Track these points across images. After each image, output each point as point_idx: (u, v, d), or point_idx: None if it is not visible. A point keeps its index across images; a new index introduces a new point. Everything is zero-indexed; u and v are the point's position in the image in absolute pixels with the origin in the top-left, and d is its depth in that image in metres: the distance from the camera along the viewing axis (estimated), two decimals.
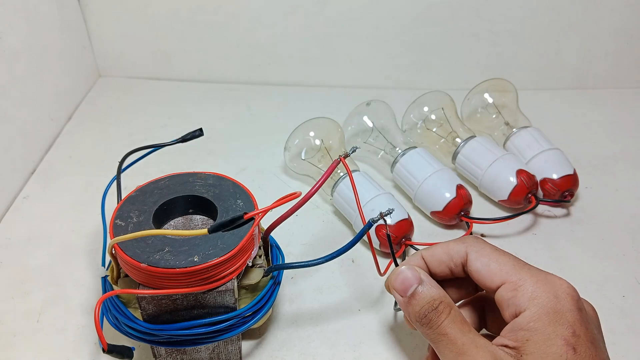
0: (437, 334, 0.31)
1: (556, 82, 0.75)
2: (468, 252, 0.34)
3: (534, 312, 0.29)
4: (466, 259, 0.34)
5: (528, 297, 0.30)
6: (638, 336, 0.41)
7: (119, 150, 0.42)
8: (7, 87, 0.54)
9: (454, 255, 0.34)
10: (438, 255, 0.35)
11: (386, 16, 0.70)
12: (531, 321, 0.29)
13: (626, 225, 0.52)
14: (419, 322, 0.32)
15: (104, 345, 0.30)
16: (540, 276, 0.31)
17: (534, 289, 0.30)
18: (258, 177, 0.58)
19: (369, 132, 0.57)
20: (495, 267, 0.32)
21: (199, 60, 0.74)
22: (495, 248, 0.34)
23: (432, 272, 0.35)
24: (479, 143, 0.54)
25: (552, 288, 0.30)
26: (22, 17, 0.57)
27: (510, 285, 0.31)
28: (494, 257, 0.33)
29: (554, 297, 0.29)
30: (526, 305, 0.30)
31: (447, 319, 0.31)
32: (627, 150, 0.62)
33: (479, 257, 0.33)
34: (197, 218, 0.39)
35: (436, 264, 0.35)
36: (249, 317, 0.36)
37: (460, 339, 0.30)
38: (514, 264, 0.32)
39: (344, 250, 0.34)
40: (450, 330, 0.31)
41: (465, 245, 0.34)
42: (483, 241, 0.34)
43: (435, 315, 0.31)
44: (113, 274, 0.36)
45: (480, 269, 0.33)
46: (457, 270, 0.34)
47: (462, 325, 0.31)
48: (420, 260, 0.36)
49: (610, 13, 0.69)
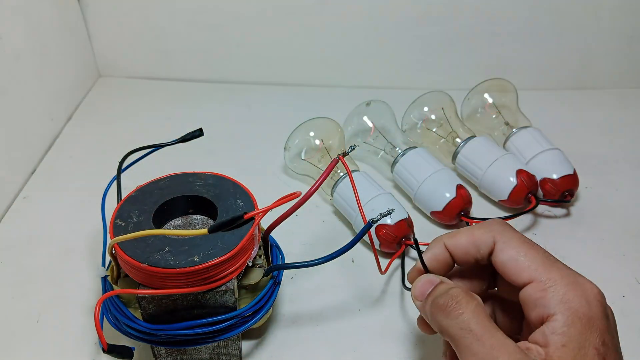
0: (458, 328, 0.28)
1: (556, 82, 0.75)
2: (496, 240, 0.31)
3: (567, 316, 0.27)
4: (493, 247, 0.31)
5: (559, 300, 0.28)
6: (638, 336, 0.41)
7: (119, 150, 0.42)
8: (7, 87, 0.54)
9: (480, 245, 0.32)
10: (463, 245, 0.32)
11: (386, 16, 0.70)
12: (565, 326, 0.27)
13: (626, 225, 0.52)
14: (436, 313, 0.30)
15: (104, 345, 0.30)
16: (571, 277, 0.29)
17: (565, 291, 0.28)
18: (258, 177, 0.57)
19: (368, 132, 0.57)
20: (524, 262, 0.30)
21: (199, 60, 0.74)
22: (524, 239, 0.31)
23: (457, 262, 0.33)
24: (479, 143, 0.54)
25: (583, 292, 0.28)
26: (22, 17, 0.57)
27: (539, 284, 0.29)
28: (522, 250, 0.30)
29: (585, 302, 0.28)
30: (556, 308, 0.28)
31: (468, 309, 0.29)
32: (627, 150, 0.62)
33: (505, 249, 0.31)
34: (197, 218, 0.39)
35: (461, 254, 0.33)
36: (249, 317, 0.36)
37: (489, 340, 0.27)
38: (543, 260, 0.30)
39: (344, 250, 0.34)
40: (475, 326, 0.28)
41: (493, 234, 0.31)
42: (511, 228, 0.32)
43: (452, 301, 0.29)
44: (113, 274, 0.36)
45: (507, 262, 0.30)
46: (483, 260, 0.32)
47: (489, 323, 0.28)
48: (442, 249, 0.33)
49: (610, 13, 0.69)
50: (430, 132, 0.58)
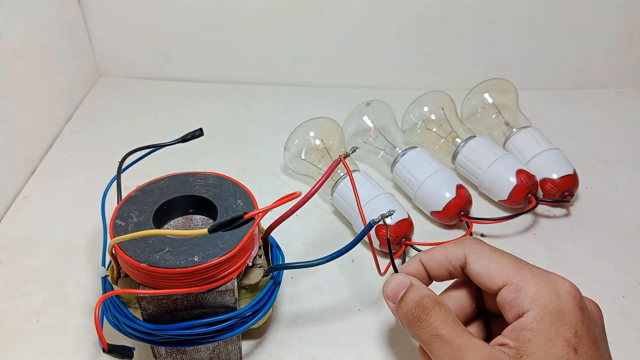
0: (429, 335, 0.30)
1: (556, 82, 0.75)
2: (467, 254, 0.33)
3: (536, 312, 0.29)
4: (465, 261, 0.33)
5: (530, 297, 0.29)
6: (638, 336, 0.41)
7: (119, 150, 0.42)
8: (7, 87, 0.54)
9: (452, 258, 0.34)
10: (436, 258, 0.35)
11: (386, 16, 0.70)
12: (534, 322, 0.29)
13: (626, 225, 0.52)
14: (409, 323, 0.32)
15: (104, 345, 0.30)
16: (542, 276, 0.30)
17: (536, 289, 0.30)
18: (258, 177, 0.58)
19: (368, 132, 0.57)
20: (496, 269, 0.32)
21: (199, 60, 0.74)
22: (493, 249, 0.33)
23: (432, 276, 0.35)
24: (479, 143, 0.54)
25: (554, 288, 0.30)
26: (22, 17, 0.57)
27: (512, 286, 0.30)
28: (493, 258, 0.32)
29: (556, 297, 0.29)
30: (529, 306, 0.29)
31: (438, 317, 0.30)
32: (627, 150, 0.62)
33: (478, 260, 0.33)
34: (197, 218, 0.39)
35: (435, 267, 0.35)
36: (249, 317, 0.36)
37: (456, 341, 0.29)
38: (514, 265, 0.31)
39: (344, 250, 0.34)
40: (443, 331, 0.30)
41: (463, 248, 0.34)
42: (481, 242, 0.34)
43: (423, 313, 0.31)
44: (113, 274, 0.36)
45: (480, 271, 0.32)
46: (456, 273, 0.34)
47: (455, 326, 0.30)
48: (418, 264, 0.36)
49: (610, 13, 0.69)
50: (430, 132, 0.58)
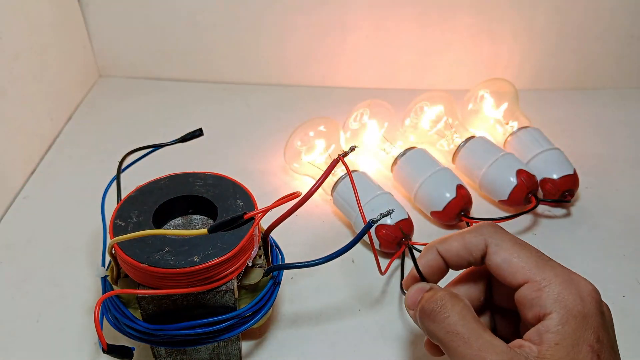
0: (445, 332, 0.29)
1: (556, 82, 0.75)
2: (488, 244, 0.31)
3: (561, 315, 0.28)
4: (486, 251, 0.31)
5: (554, 299, 0.28)
6: (638, 336, 0.41)
7: (119, 150, 0.42)
8: (7, 87, 0.54)
9: (472, 249, 0.32)
10: (455, 249, 0.33)
11: (386, 16, 0.70)
12: (559, 324, 0.27)
13: (626, 225, 0.52)
14: (422, 318, 0.30)
15: (104, 345, 0.30)
16: (565, 276, 0.29)
17: (560, 290, 0.28)
18: (258, 177, 0.58)
19: (369, 132, 0.57)
20: (518, 264, 0.30)
21: (199, 60, 0.74)
22: (515, 240, 0.31)
23: (450, 266, 0.34)
24: (479, 143, 0.54)
25: (577, 290, 0.28)
26: (22, 17, 0.57)
27: (534, 285, 0.29)
28: (515, 251, 0.30)
29: (580, 299, 0.28)
30: (552, 307, 0.28)
31: (454, 312, 0.29)
32: (627, 150, 0.62)
33: (499, 251, 0.31)
34: (197, 218, 0.39)
35: (454, 258, 0.33)
36: (249, 317, 0.35)
37: (476, 342, 0.28)
38: (537, 260, 0.30)
39: (344, 250, 0.34)
40: (462, 329, 0.28)
41: (484, 237, 0.32)
42: (502, 231, 0.32)
43: (437, 305, 0.29)
44: (113, 274, 0.36)
45: (501, 264, 0.30)
46: (476, 263, 0.32)
47: (475, 323, 0.28)
48: (435, 255, 0.33)
49: (610, 13, 0.69)
50: (431, 132, 0.58)
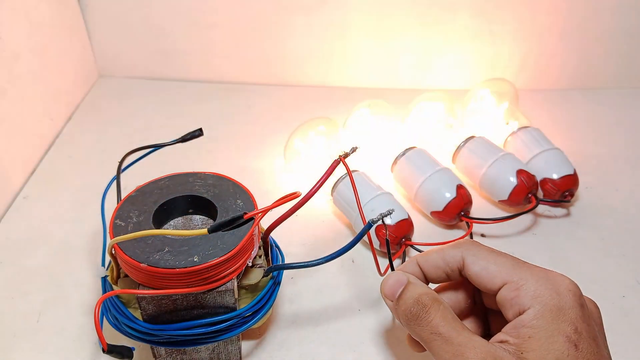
0: (429, 333, 0.30)
1: (556, 82, 0.75)
2: (464, 256, 0.33)
3: (537, 309, 0.29)
4: (462, 263, 0.33)
5: (531, 295, 0.30)
6: (638, 336, 0.41)
7: (119, 150, 0.42)
8: (7, 87, 0.54)
9: (449, 260, 0.34)
10: (433, 260, 0.35)
11: (386, 16, 0.70)
12: (534, 319, 0.29)
13: (626, 225, 0.52)
14: (408, 321, 0.32)
15: (104, 345, 0.30)
16: (541, 274, 0.31)
17: (536, 287, 0.30)
18: (258, 177, 0.58)
19: (369, 132, 0.57)
20: (495, 269, 0.32)
21: (199, 60, 0.74)
22: (491, 250, 0.33)
23: (428, 278, 0.35)
24: (479, 143, 0.54)
25: (554, 285, 0.30)
26: (22, 17, 0.57)
27: (512, 285, 0.30)
28: (491, 259, 0.32)
29: (556, 294, 0.29)
30: (529, 303, 0.29)
31: (437, 315, 0.30)
32: (627, 150, 0.62)
33: (476, 261, 0.33)
34: (197, 218, 0.39)
35: (432, 270, 0.35)
36: (249, 317, 0.36)
37: (456, 339, 0.29)
38: (513, 264, 0.32)
39: (344, 250, 0.34)
40: (443, 329, 0.30)
41: (461, 250, 0.33)
42: (478, 244, 0.34)
43: (422, 311, 0.31)
44: (113, 274, 0.36)
45: (479, 272, 0.32)
46: (453, 275, 0.34)
47: (455, 323, 0.30)
48: (415, 266, 0.35)
49: (610, 13, 0.69)
50: (430, 132, 0.58)
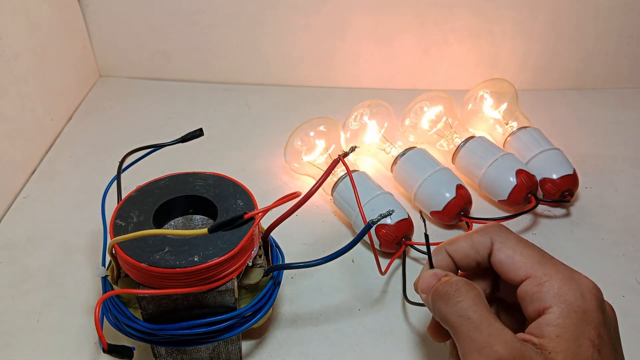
0: (457, 316, 0.29)
1: (556, 82, 0.75)
2: (493, 241, 0.32)
3: (562, 308, 0.28)
4: (491, 249, 0.32)
5: (554, 293, 0.29)
6: (638, 336, 0.41)
7: (119, 151, 0.42)
8: (7, 87, 0.54)
9: (479, 247, 0.33)
10: (463, 249, 0.33)
11: (386, 16, 0.70)
12: (560, 317, 0.28)
13: (626, 225, 0.52)
14: (436, 300, 0.31)
15: (104, 345, 0.30)
16: (566, 272, 0.30)
17: (560, 285, 0.29)
18: (258, 177, 0.58)
19: (369, 132, 0.57)
20: (520, 260, 0.31)
21: (198, 60, 0.74)
22: (519, 238, 0.32)
23: (460, 267, 0.34)
24: (479, 143, 0.54)
25: (578, 286, 0.29)
26: (22, 17, 0.57)
27: (535, 280, 0.30)
28: (518, 248, 0.31)
29: (580, 295, 0.28)
30: (552, 301, 0.29)
31: (468, 297, 0.29)
32: (627, 150, 0.62)
33: (502, 248, 0.32)
34: (197, 218, 0.39)
35: (462, 258, 0.33)
36: (249, 317, 0.36)
37: (487, 328, 0.28)
38: (539, 258, 0.31)
39: (344, 250, 0.34)
40: (474, 315, 0.29)
41: (490, 236, 0.32)
42: (507, 230, 0.33)
43: (452, 289, 0.30)
44: (113, 273, 0.36)
45: (504, 260, 0.31)
46: (483, 262, 0.33)
47: (487, 312, 0.29)
48: (445, 255, 0.34)
49: (610, 13, 0.69)
50: (430, 132, 0.58)
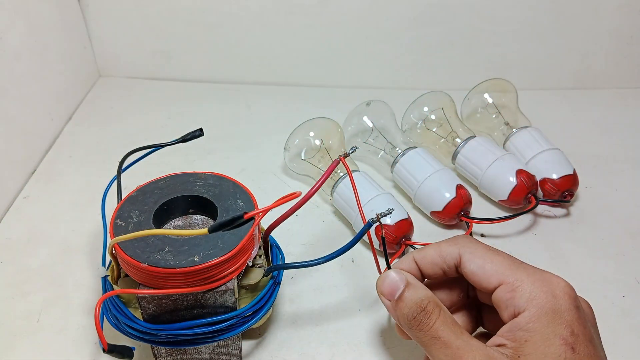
0: (429, 337, 0.30)
1: (556, 82, 0.75)
2: (461, 253, 0.33)
3: (532, 312, 0.29)
4: (459, 260, 0.33)
5: (527, 297, 0.29)
6: (638, 336, 0.41)
7: (119, 150, 0.42)
8: (7, 87, 0.54)
9: (446, 257, 0.34)
10: (430, 257, 0.34)
11: (386, 16, 0.70)
12: (530, 322, 0.29)
13: (626, 225, 0.52)
14: (409, 326, 0.32)
15: (104, 345, 0.30)
16: (537, 275, 0.30)
17: (532, 289, 0.30)
18: (258, 177, 0.58)
19: (368, 132, 0.57)
20: (491, 268, 0.31)
21: (198, 60, 0.74)
22: (488, 248, 0.33)
23: (425, 274, 0.35)
24: (478, 143, 0.54)
25: (549, 287, 0.30)
26: (22, 17, 0.57)
27: (508, 286, 0.30)
28: (488, 257, 0.32)
29: (552, 296, 0.29)
30: (525, 305, 0.29)
31: (437, 320, 0.30)
32: (627, 150, 0.62)
33: (473, 259, 0.32)
34: (197, 218, 0.39)
35: (428, 266, 0.34)
36: (249, 317, 0.36)
37: (455, 342, 0.29)
38: (510, 264, 0.31)
39: (343, 250, 0.34)
40: (443, 334, 0.30)
41: (458, 247, 0.33)
42: (476, 241, 0.34)
43: (424, 317, 0.31)
44: (113, 273, 0.36)
45: (476, 270, 0.32)
46: (450, 271, 0.34)
47: (454, 327, 0.30)
48: (411, 263, 0.35)
49: (610, 13, 0.69)
50: (430, 132, 0.58)
